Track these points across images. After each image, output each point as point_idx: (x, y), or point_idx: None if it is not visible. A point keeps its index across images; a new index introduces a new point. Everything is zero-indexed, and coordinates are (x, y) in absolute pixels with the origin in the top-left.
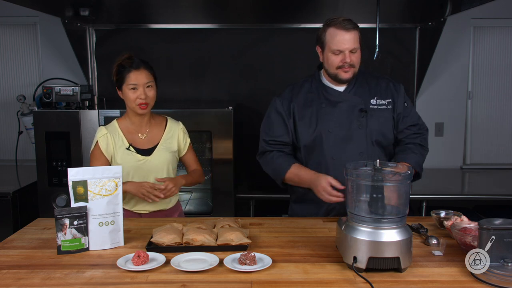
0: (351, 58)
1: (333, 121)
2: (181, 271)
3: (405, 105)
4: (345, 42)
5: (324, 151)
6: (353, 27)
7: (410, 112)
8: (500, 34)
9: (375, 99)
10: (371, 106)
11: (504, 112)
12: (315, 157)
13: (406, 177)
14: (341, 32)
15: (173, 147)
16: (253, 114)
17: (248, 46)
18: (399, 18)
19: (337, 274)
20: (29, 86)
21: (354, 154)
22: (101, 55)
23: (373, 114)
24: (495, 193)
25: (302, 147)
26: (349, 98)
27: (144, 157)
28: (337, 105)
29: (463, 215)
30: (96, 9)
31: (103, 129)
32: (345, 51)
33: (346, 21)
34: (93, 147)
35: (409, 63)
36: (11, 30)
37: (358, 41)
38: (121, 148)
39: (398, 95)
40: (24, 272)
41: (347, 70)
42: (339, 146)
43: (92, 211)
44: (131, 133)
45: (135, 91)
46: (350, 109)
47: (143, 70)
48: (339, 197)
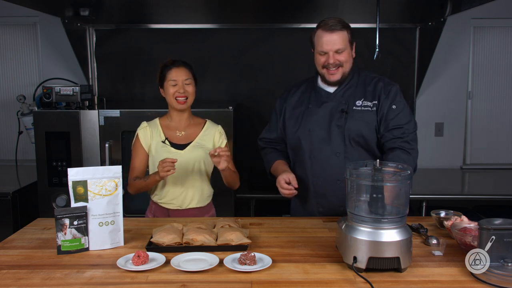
0: (336, 58)
1: (315, 122)
2: (181, 271)
3: (393, 107)
4: (328, 43)
5: (304, 151)
6: (340, 28)
7: (396, 115)
8: (500, 34)
9: (362, 101)
10: (354, 107)
11: (504, 112)
12: (298, 156)
13: (406, 177)
14: (325, 33)
15: (207, 146)
16: (253, 114)
17: (248, 46)
18: (399, 18)
19: (337, 274)
20: (29, 86)
21: (331, 155)
22: (101, 55)
23: (354, 115)
24: (495, 193)
25: (288, 145)
26: (334, 99)
27: (177, 151)
28: (322, 105)
29: (463, 215)
30: (96, 9)
31: (144, 123)
32: (329, 52)
33: (334, 22)
34: (134, 140)
35: (409, 63)
36: (11, 30)
37: (345, 41)
38: (157, 140)
39: (386, 96)
40: (24, 272)
41: (333, 72)
42: (318, 146)
43: (92, 211)
44: (170, 130)
45: (175, 86)
46: (333, 110)
47: (183, 68)
48: (290, 190)
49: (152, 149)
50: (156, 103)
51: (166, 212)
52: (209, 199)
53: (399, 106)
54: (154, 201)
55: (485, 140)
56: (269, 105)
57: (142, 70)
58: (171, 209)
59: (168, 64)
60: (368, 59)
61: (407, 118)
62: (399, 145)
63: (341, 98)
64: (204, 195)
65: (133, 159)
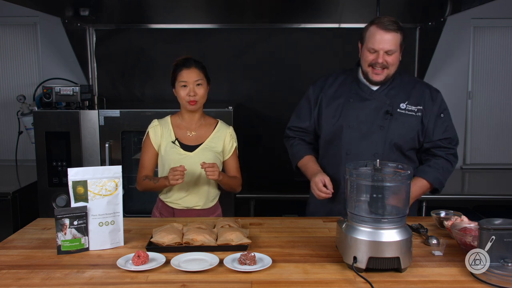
0: (385, 59)
1: (356, 117)
2: (181, 271)
3: (441, 116)
4: (381, 42)
5: (341, 145)
6: (395, 29)
7: (444, 124)
8: (500, 34)
9: (406, 104)
10: (399, 110)
11: (504, 112)
12: (332, 149)
13: (406, 177)
14: (380, 31)
15: (217, 148)
16: (253, 114)
17: (248, 46)
18: (399, 18)
19: (337, 274)
20: (29, 86)
21: (369, 154)
22: (101, 55)
23: (398, 118)
24: (495, 193)
25: (322, 137)
26: (378, 97)
27: (187, 153)
28: (365, 102)
29: (463, 215)
30: (96, 9)
31: (155, 121)
32: (380, 51)
33: (390, 22)
34: (144, 138)
35: (409, 63)
36: (11, 30)
37: (397, 44)
38: (167, 140)
39: (433, 103)
40: (24, 272)
41: (378, 72)
42: (356, 142)
43: (92, 211)
44: (181, 129)
45: (185, 88)
46: (377, 109)
47: (194, 69)
48: (327, 194)
49: (161, 149)
50: (156, 103)
51: (172, 211)
52: (215, 200)
53: (446, 114)
54: (161, 199)
55: (485, 140)
56: (269, 105)
57: (142, 70)
58: (177, 209)
59: (180, 63)
60: None
61: (453, 128)
62: (446, 156)
63: (384, 97)
64: (210, 197)
65: (143, 157)
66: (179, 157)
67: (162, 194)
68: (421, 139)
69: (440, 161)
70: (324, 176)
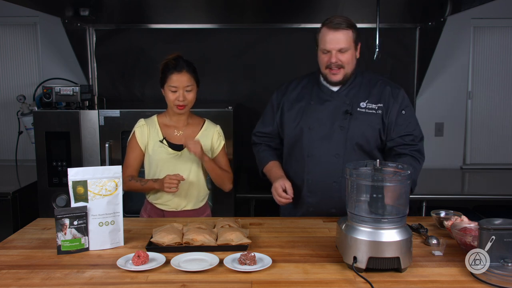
0: (339, 58)
1: (317, 119)
2: (181, 271)
3: (403, 112)
4: (332, 41)
5: (302, 148)
6: (345, 27)
7: (406, 121)
8: (500, 34)
9: (366, 102)
10: (359, 109)
11: (504, 112)
12: (294, 153)
13: (406, 177)
14: (330, 31)
15: (205, 146)
16: (253, 114)
17: (248, 46)
18: (399, 18)
19: (337, 274)
20: (29, 86)
21: (330, 155)
22: (101, 55)
23: (358, 117)
24: (495, 193)
25: (285, 141)
26: (338, 98)
27: (175, 152)
28: (325, 103)
29: (463, 215)
30: (96, 9)
31: (141, 120)
32: (332, 50)
33: (339, 20)
34: (130, 137)
35: (409, 63)
36: (11, 30)
37: (349, 41)
38: (155, 140)
39: (394, 101)
40: (24, 272)
41: (335, 72)
42: (317, 144)
43: (92, 211)
44: (168, 129)
45: (175, 93)
46: (336, 109)
47: (185, 74)
48: (287, 199)
49: (149, 148)
50: (156, 103)
51: (161, 213)
52: (204, 200)
53: (408, 111)
54: (149, 201)
55: (485, 140)
56: None
57: (142, 70)
58: (166, 211)
59: (170, 64)
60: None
61: (416, 124)
62: (410, 152)
63: (344, 97)
64: (200, 197)
65: (128, 156)
66: (168, 157)
67: (150, 196)
68: (383, 137)
69: (406, 159)
70: (285, 181)
